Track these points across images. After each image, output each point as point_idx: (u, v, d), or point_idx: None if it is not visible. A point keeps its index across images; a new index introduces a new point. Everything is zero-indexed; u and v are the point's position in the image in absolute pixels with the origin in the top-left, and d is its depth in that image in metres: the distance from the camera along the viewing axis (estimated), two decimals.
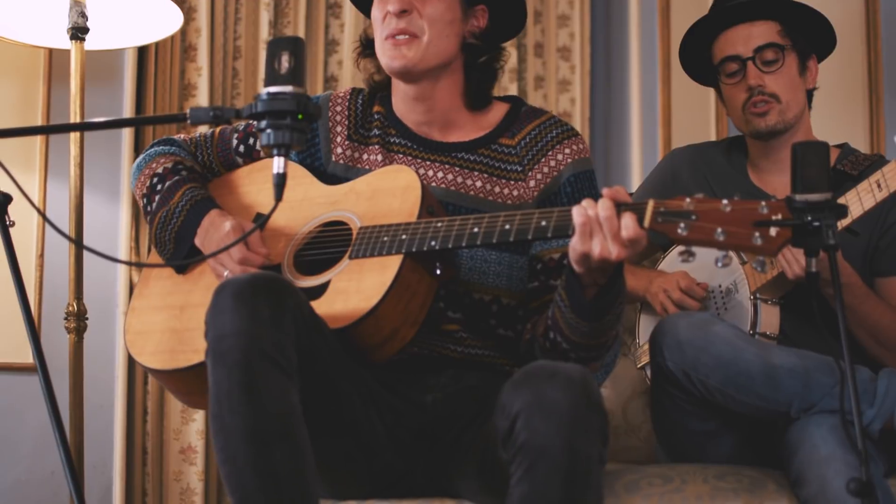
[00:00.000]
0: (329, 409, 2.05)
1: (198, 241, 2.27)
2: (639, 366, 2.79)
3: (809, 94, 2.74)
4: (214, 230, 2.24)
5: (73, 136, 3.24)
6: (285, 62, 1.77)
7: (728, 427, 2.38)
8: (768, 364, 2.24)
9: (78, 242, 2.98)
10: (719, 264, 1.85)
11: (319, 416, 1.98)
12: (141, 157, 2.46)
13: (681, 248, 1.85)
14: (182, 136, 2.50)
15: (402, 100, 2.36)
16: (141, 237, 4.04)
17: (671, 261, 2.79)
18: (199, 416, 4.01)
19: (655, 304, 2.69)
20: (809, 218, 1.75)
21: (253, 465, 1.84)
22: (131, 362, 3.98)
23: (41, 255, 3.78)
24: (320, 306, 2.07)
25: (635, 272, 2.76)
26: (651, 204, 1.88)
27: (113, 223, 3.96)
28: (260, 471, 1.83)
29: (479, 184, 2.30)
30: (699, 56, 2.79)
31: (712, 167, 2.81)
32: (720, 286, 2.64)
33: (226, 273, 2.18)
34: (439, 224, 2.09)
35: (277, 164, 2.00)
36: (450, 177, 2.31)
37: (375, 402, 2.15)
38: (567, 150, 2.31)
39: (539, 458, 1.80)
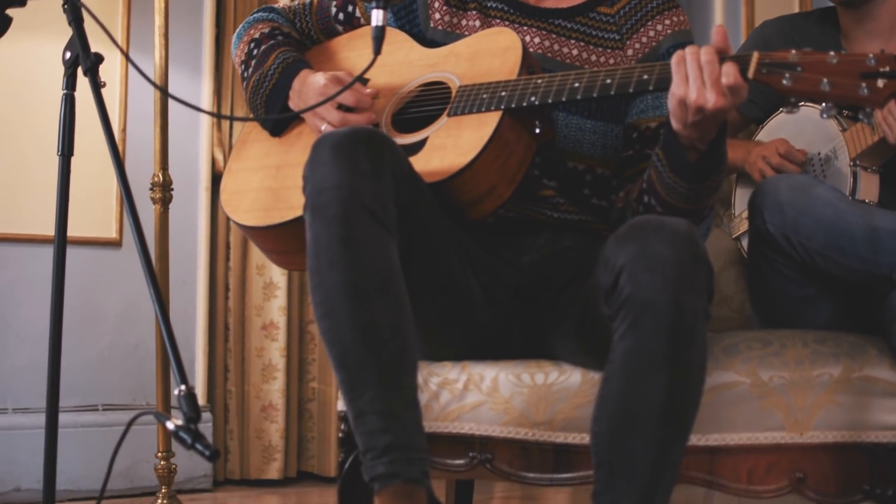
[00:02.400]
0: (426, 267, 2.03)
1: (291, 104, 2.26)
2: (734, 236, 2.76)
3: None
4: (308, 87, 2.22)
5: (158, 6, 3.22)
6: None
7: (827, 293, 2.34)
8: (870, 226, 2.19)
9: (164, 90, 2.96)
10: (824, 115, 1.83)
11: (416, 273, 1.96)
12: (241, 26, 2.47)
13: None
14: (282, 3, 2.48)
15: None
16: (222, 111, 4.03)
17: (766, 134, 2.74)
18: (280, 293, 4.03)
19: (754, 172, 2.65)
20: None
21: (352, 319, 1.82)
22: (214, 238, 4.01)
23: (123, 130, 3.79)
24: (417, 162, 2.05)
25: (732, 144, 2.71)
26: (756, 55, 1.85)
27: (195, 97, 3.96)
28: (359, 325, 1.82)
29: (574, 52, 2.26)
30: None
31: (804, 37, 2.74)
32: (819, 154, 2.59)
33: (324, 127, 2.17)
34: (539, 81, 2.05)
35: (376, 17, 1.99)
36: (546, 43, 2.27)
37: (472, 262, 2.13)
38: (667, 21, 2.26)
39: (644, 312, 1.78)
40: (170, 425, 1.89)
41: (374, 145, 1.90)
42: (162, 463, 3.24)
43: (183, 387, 1.92)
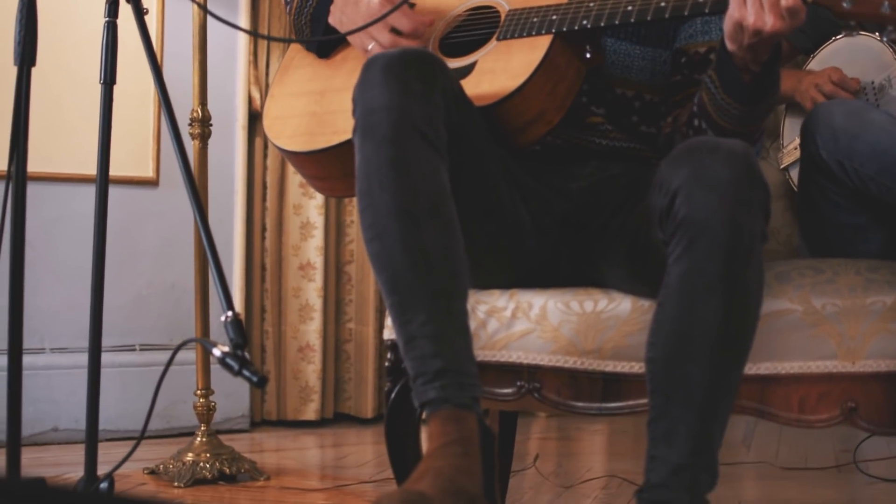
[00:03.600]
0: (474, 192, 2.00)
1: (332, 20, 2.21)
2: (782, 167, 2.72)
3: None
4: (353, 6, 2.17)
5: None
6: None
7: (878, 222, 2.31)
8: None
9: (203, 7, 2.93)
10: (884, 39, 1.79)
11: (465, 197, 1.94)
12: None
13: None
14: None
15: None
16: (258, 52, 4.00)
17: (818, 63, 2.70)
18: (317, 233, 4.01)
19: (805, 100, 2.61)
20: None
21: (402, 241, 1.80)
22: (250, 178, 3.99)
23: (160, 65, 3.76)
24: (466, 86, 2.02)
25: (783, 73, 2.67)
26: None
27: (231, 38, 3.94)
28: (409, 248, 1.79)
29: None
30: None
31: None
32: (873, 82, 2.54)
33: (370, 46, 2.13)
34: (591, 4, 2.02)
35: None
36: None
37: (520, 188, 2.11)
38: None
39: (700, 233, 1.75)
40: (216, 352, 1.87)
41: (426, 66, 1.86)
42: (201, 401, 3.23)
43: (230, 313, 1.90)
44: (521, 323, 2.12)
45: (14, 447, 1.99)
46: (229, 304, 1.91)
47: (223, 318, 1.89)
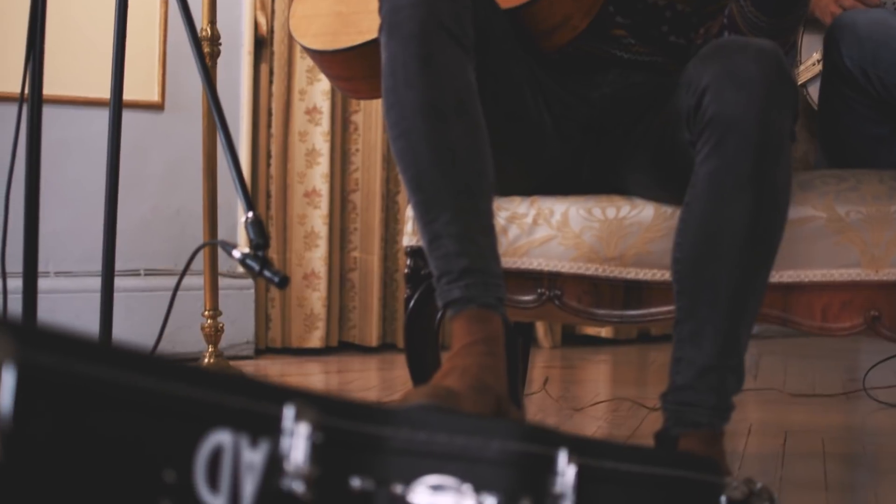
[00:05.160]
0: (499, 93, 1.98)
1: None
2: (800, 83, 2.70)
3: None
4: None
5: None
6: None
7: None
8: None
9: None
10: None
11: (489, 99, 1.91)
12: None
13: None
14: None
15: None
16: None
17: None
18: (323, 160, 3.99)
19: (825, 15, 2.58)
20: None
21: (428, 139, 1.77)
22: (256, 105, 3.96)
23: None
24: None
25: None
26: None
27: None
28: (435, 145, 1.77)
29: None
30: None
31: None
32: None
33: None
34: None
35: None
36: None
37: (543, 93, 2.08)
38: None
39: (729, 130, 1.73)
40: (236, 253, 1.86)
41: None
42: (209, 322, 3.22)
43: (250, 213, 1.88)
44: (543, 229, 2.10)
45: None
46: (250, 205, 1.89)
47: (244, 219, 1.87)
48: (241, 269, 3.85)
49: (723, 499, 1.43)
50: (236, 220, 3.90)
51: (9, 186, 2.16)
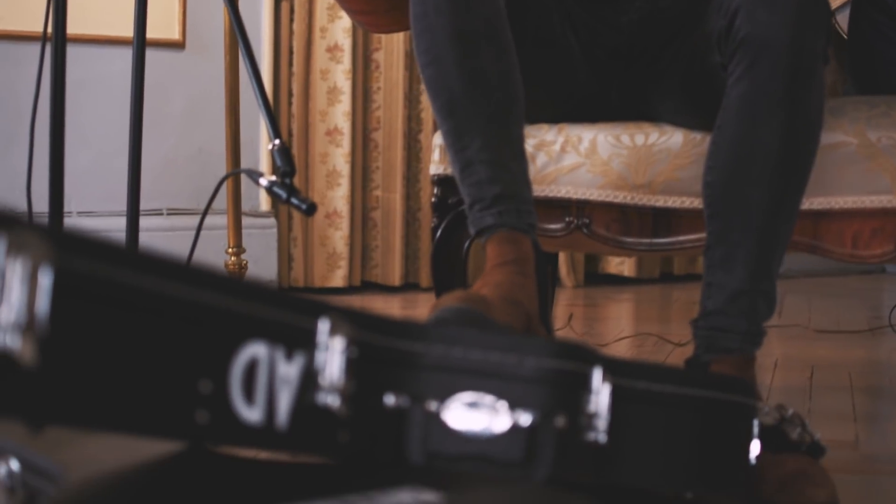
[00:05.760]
0: (527, 18, 1.96)
1: None
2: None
3: None
4: None
5: None
6: None
7: None
8: None
9: None
10: None
11: (517, 24, 1.88)
12: None
13: None
14: None
15: None
16: None
17: None
18: (345, 98, 3.97)
19: None
20: None
21: (459, 65, 1.75)
22: (277, 43, 3.94)
23: None
24: None
25: None
26: None
27: None
28: (467, 71, 1.75)
29: None
30: None
31: None
32: None
33: None
34: None
35: None
36: None
37: (571, 18, 2.06)
38: None
39: (762, 52, 1.70)
40: (263, 181, 1.85)
41: None
42: (233, 259, 3.21)
43: (277, 141, 1.87)
44: (571, 157, 2.08)
45: None
46: (276, 133, 1.88)
47: (270, 147, 1.86)
48: (263, 208, 3.85)
49: (755, 423, 1.42)
50: (258, 159, 3.89)
51: (32, 126, 2.16)
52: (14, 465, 0.98)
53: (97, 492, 0.90)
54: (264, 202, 3.98)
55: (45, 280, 0.74)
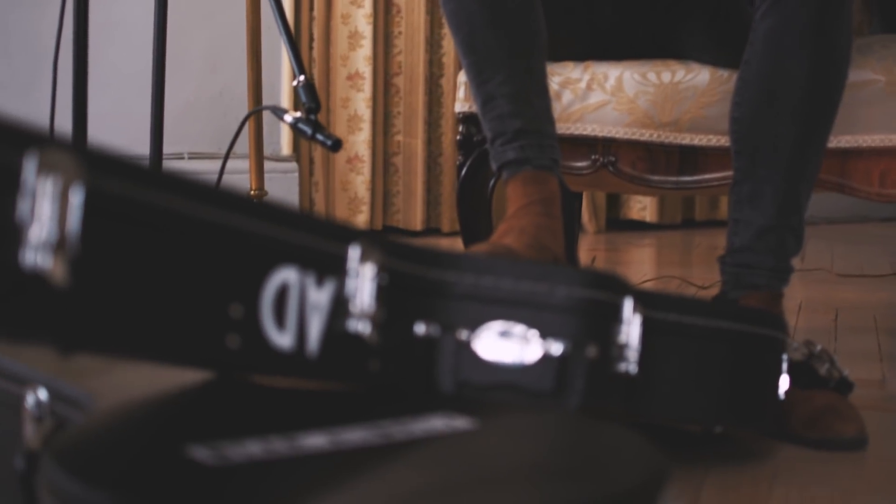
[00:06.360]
0: None
1: None
2: None
3: None
4: None
5: None
6: None
7: None
8: None
9: None
10: None
11: None
12: None
13: None
14: None
15: None
16: None
17: None
18: (366, 43, 3.96)
19: None
20: None
21: None
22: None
23: None
24: None
25: None
26: None
27: None
28: (488, 4, 1.73)
29: None
30: None
31: None
32: None
33: None
34: None
35: None
36: None
37: None
38: None
39: None
40: (288, 118, 1.84)
41: None
42: None
43: (301, 77, 1.86)
44: (597, 95, 2.07)
45: None
46: (301, 69, 1.87)
47: (295, 83, 1.85)
48: (285, 152, 3.84)
49: (784, 358, 1.41)
50: (279, 103, 3.87)
51: (55, 70, 2.14)
52: (42, 394, 0.98)
53: (125, 419, 0.89)
54: (286, 146, 3.97)
55: (77, 199, 0.73)
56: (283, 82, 3.91)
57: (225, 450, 0.76)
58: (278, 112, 1.87)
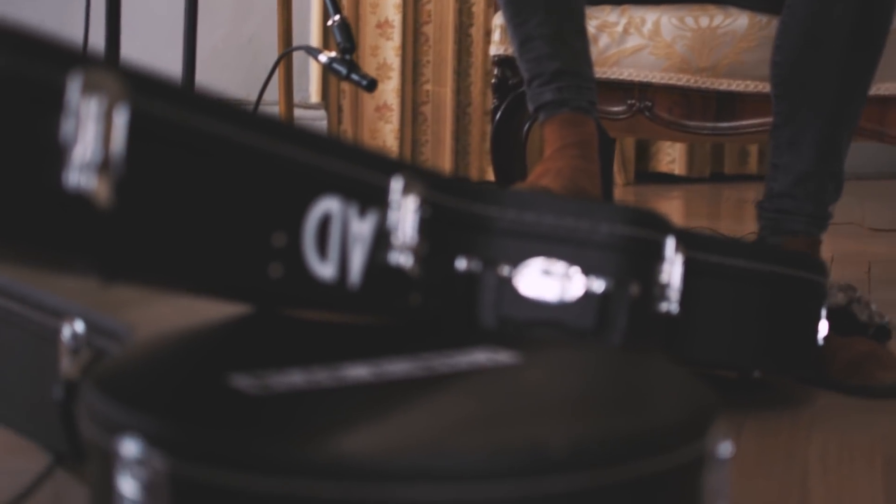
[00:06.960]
0: None
1: None
2: None
3: None
4: None
5: None
6: None
7: None
8: None
9: None
10: None
11: None
12: None
13: None
14: None
15: None
16: None
17: None
18: None
19: None
20: None
21: None
22: None
23: None
24: None
25: None
26: None
27: None
28: None
29: None
30: None
31: None
32: None
33: None
34: None
35: None
36: None
37: None
38: None
39: None
40: (322, 58, 1.82)
41: None
42: None
43: (337, 17, 1.84)
44: (633, 39, 2.04)
45: None
46: (336, 9, 1.85)
47: (330, 22, 1.83)
48: (314, 100, 3.82)
49: (824, 302, 1.40)
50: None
51: (87, 16, 2.13)
52: (79, 326, 0.97)
53: (165, 348, 0.88)
54: (314, 93, 3.95)
55: (121, 120, 0.72)
56: (312, 30, 3.89)
57: (267, 379, 0.75)
58: (312, 52, 1.85)
